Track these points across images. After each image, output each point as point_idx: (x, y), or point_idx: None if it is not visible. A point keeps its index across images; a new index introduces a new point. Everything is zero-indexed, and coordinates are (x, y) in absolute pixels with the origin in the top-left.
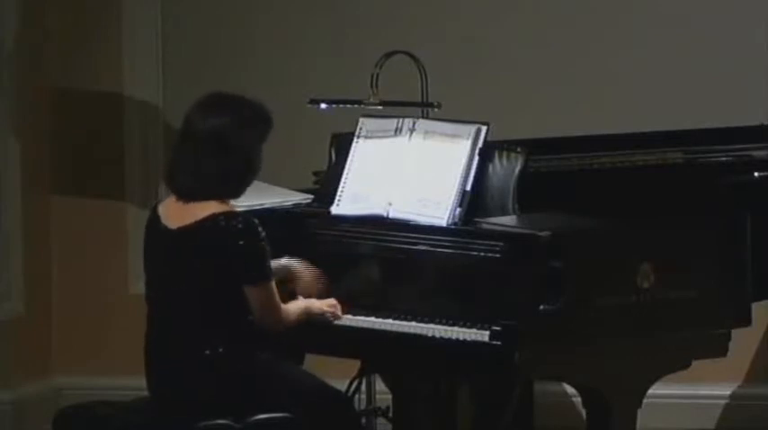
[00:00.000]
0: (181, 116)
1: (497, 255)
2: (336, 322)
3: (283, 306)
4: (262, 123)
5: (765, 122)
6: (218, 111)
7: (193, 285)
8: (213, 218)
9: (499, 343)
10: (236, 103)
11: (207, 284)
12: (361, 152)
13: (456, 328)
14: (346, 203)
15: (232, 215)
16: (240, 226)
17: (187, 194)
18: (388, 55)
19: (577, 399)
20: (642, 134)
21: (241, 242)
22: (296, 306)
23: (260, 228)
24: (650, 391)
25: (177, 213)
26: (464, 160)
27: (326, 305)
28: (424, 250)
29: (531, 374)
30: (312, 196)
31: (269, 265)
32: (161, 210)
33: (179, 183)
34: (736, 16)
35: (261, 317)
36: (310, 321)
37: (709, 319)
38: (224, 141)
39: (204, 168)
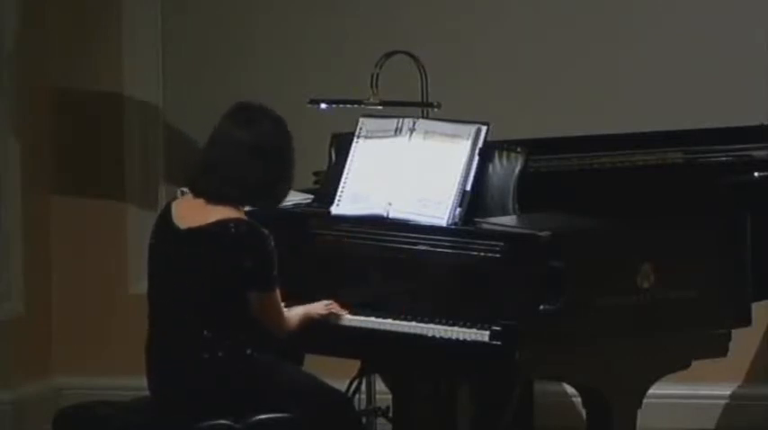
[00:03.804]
0: (181, 116)
1: (497, 255)
2: (336, 322)
3: (285, 313)
4: (290, 134)
5: (765, 122)
6: (259, 122)
7: (196, 286)
8: (223, 222)
9: (499, 343)
10: (272, 114)
11: (210, 287)
12: (361, 152)
13: (456, 328)
14: (346, 203)
15: (242, 222)
16: (249, 233)
17: (214, 197)
18: (388, 55)
19: (577, 399)
20: (642, 134)
21: (249, 249)
22: (296, 313)
23: (270, 238)
24: (650, 391)
25: (189, 214)
26: (464, 160)
27: (324, 308)
28: (424, 250)
29: (531, 374)
30: (312, 196)
31: (275, 274)
32: (174, 208)
33: (210, 186)
34: (736, 16)
35: (263, 323)
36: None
37: (709, 319)
38: (270, 150)
39: (249, 176)
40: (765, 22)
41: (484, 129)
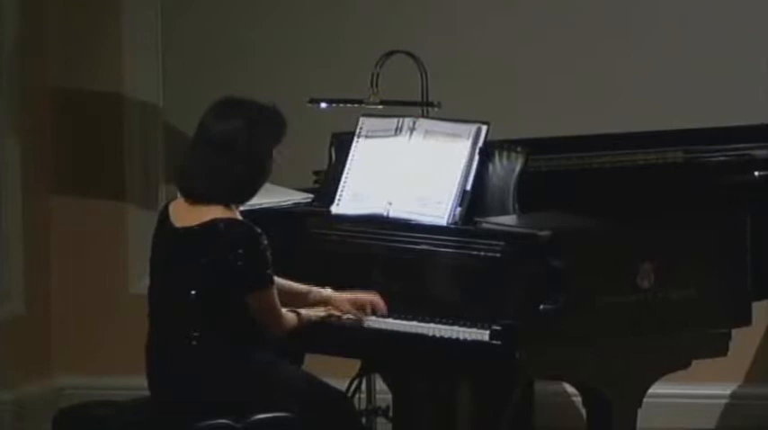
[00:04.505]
0: (181, 116)
1: (498, 255)
2: (336, 322)
3: (283, 311)
4: (274, 127)
5: (765, 122)
6: (231, 117)
7: (194, 286)
8: (214, 222)
9: (499, 342)
10: (249, 107)
11: (207, 286)
12: (362, 152)
13: (456, 328)
14: (346, 203)
15: (233, 222)
16: (240, 233)
17: (198, 197)
18: (388, 55)
19: (577, 399)
20: (642, 134)
21: (240, 250)
22: (294, 313)
23: (262, 236)
24: (650, 391)
25: (184, 213)
26: (464, 160)
27: (324, 311)
28: (424, 249)
29: (531, 374)
30: (312, 196)
31: (269, 273)
32: (171, 208)
33: (190, 186)
34: (736, 17)
35: (261, 322)
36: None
37: (709, 319)
38: (236, 146)
39: (217, 172)
40: (765, 22)
41: (484, 128)
